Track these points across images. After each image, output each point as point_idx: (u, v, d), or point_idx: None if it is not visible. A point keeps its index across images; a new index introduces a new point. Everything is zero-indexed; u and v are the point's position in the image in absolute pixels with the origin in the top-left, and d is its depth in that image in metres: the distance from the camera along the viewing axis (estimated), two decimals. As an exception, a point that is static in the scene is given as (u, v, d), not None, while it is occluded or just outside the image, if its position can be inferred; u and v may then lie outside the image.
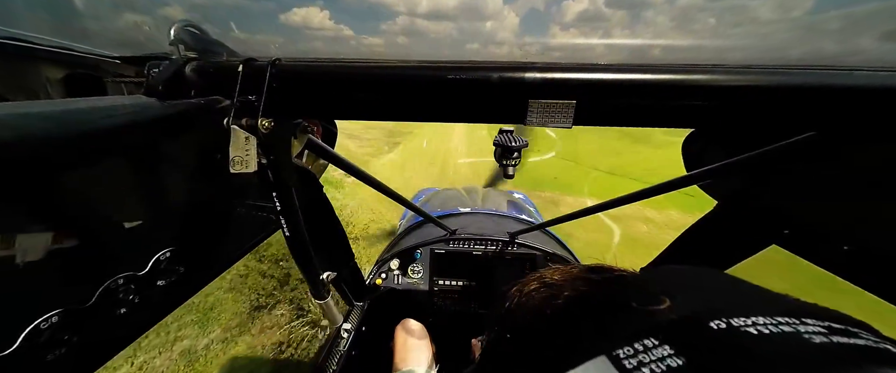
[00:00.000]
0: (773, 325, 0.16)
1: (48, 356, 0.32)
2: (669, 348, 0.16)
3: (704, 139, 0.67)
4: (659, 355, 0.16)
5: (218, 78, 0.45)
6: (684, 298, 0.20)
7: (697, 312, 0.18)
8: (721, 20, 22.00)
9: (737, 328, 0.16)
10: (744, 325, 0.16)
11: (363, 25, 26.61)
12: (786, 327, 0.16)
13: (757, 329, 0.16)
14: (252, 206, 0.58)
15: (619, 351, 0.17)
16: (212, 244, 0.52)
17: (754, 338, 0.16)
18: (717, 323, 0.17)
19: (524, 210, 2.12)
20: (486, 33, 37.77)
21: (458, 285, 1.35)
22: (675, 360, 0.15)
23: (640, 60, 0.38)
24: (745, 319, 0.17)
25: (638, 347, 0.17)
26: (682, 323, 0.18)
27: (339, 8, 18.41)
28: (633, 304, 0.20)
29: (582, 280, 0.26)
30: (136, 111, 0.39)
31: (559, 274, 0.29)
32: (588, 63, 0.36)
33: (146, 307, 0.41)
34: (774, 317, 0.17)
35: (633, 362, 0.16)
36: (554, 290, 0.26)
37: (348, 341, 0.93)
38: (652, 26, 25.63)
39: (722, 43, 0.83)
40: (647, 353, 0.16)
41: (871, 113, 0.35)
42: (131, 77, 0.56)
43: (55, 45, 0.54)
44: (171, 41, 0.45)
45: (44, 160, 0.31)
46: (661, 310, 0.19)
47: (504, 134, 0.49)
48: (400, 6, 14.77)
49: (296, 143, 0.58)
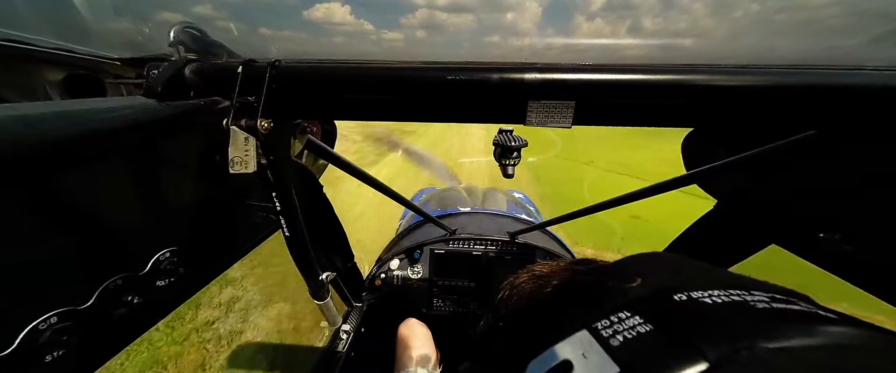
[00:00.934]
0: (726, 296, 0.19)
1: (47, 357, 0.32)
2: (639, 318, 0.19)
3: (704, 139, 0.67)
4: (630, 324, 0.18)
5: (217, 79, 0.45)
6: (654, 277, 0.23)
7: (663, 287, 0.21)
8: (764, 6, 21.74)
9: (696, 299, 0.19)
10: (701, 296, 0.19)
11: (383, 19, 26.62)
12: (736, 297, 0.19)
13: (711, 299, 0.19)
14: (252, 206, 0.58)
15: (598, 324, 0.19)
16: (211, 245, 0.52)
17: (709, 306, 0.19)
18: (679, 296, 0.20)
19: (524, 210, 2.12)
20: (507, 25, 37.76)
21: (458, 285, 1.35)
22: (644, 327, 0.18)
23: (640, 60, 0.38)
24: (703, 291, 0.20)
25: (613, 319, 0.19)
26: (650, 297, 0.21)
27: (359, 2, 18.40)
28: (609, 284, 0.23)
29: (568, 271, 0.29)
30: (135, 112, 0.39)
31: (548, 267, 0.31)
32: (587, 63, 0.36)
33: (146, 307, 0.41)
34: (727, 290, 0.20)
35: (609, 332, 0.18)
36: (542, 280, 0.29)
37: (348, 342, 0.93)
38: (686, 13, 25.24)
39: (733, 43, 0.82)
40: (621, 323, 0.19)
41: (870, 112, 0.35)
42: (131, 78, 0.56)
43: (55, 47, 0.54)
44: (171, 42, 0.45)
45: (44, 161, 0.31)
46: (633, 287, 0.22)
47: (503, 134, 0.49)
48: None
49: (295, 143, 0.58)
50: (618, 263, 0.27)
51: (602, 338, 0.18)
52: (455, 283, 1.35)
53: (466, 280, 1.35)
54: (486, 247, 1.33)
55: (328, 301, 0.64)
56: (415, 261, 1.35)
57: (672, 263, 0.27)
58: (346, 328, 0.96)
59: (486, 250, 1.33)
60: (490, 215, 1.74)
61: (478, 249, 1.34)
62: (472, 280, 1.35)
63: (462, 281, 1.35)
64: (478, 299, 1.35)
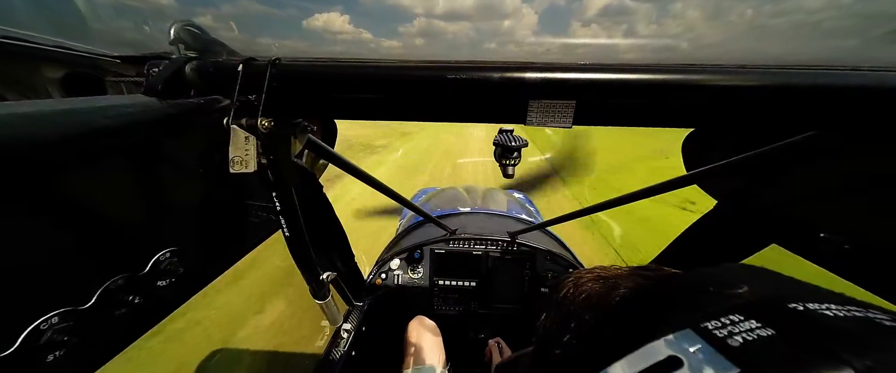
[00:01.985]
0: (846, 311, 0.18)
1: (48, 357, 0.32)
2: (756, 322, 0.17)
3: (704, 139, 0.67)
4: (747, 327, 0.17)
5: (218, 78, 0.45)
6: (757, 285, 0.21)
7: (774, 296, 0.20)
8: (759, 11, 21.92)
9: (813, 311, 0.18)
10: (819, 308, 0.18)
11: (382, 28, 26.01)
12: (857, 313, 0.18)
13: (833, 312, 0.18)
14: (252, 206, 0.58)
15: (707, 324, 0.18)
16: (212, 244, 0.52)
17: (832, 319, 0.17)
18: (795, 305, 0.18)
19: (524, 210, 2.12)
20: (504, 32, 36.42)
21: (459, 285, 1.35)
22: (765, 330, 0.17)
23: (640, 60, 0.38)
24: (819, 304, 0.18)
25: (725, 321, 0.18)
26: (764, 303, 0.19)
27: (358, 12, 18.28)
28: (711, 288, 0.22)
29: (638, 276, 0.28)
30: (135, 111, 0.39)
31: (611, 271, 0.30)
32: (588, 63, 0.36)
33: (146, 307, 0.41)
34: (844, 305, 0.18)
35: (723, 332, 0.17)
36: (611, 283, 0.28)
37: (348, 342, 0.93)
38: (680, 19, 25.60)
39: (729, 44, 0.83)
40: (735, 325, 0.17)
41: (871, 112, 0.35)
42: (131, 77, 0.56)
43: (55, 45, 0.54)
44: (171, 41, 0.45)
45: (43, 160, 0.31)
46: (741, 293, 0.20)
47: (504, 134, 0.49)
48: (417, 7, 15.09)
49: (296, 142, 0.58)
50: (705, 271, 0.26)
51: (715, 338, 0.17)
52: (456, 283, 1.35)
53: (467, 280, 1.35)
54: (487, 247, 1.34)
55: (329, 301, 0.64)
56: (415, 261, 1.35)
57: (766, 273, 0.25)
58: (347, 328, 0.96)
59: (486, 250, 1.33)
60: (490, 215, 1.74)
61: (478, 249, 1.34)
62: (472, 280, 1.35)
63: (463, 281, 1.35)
64: (478, 299, 1.36)
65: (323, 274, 0.61)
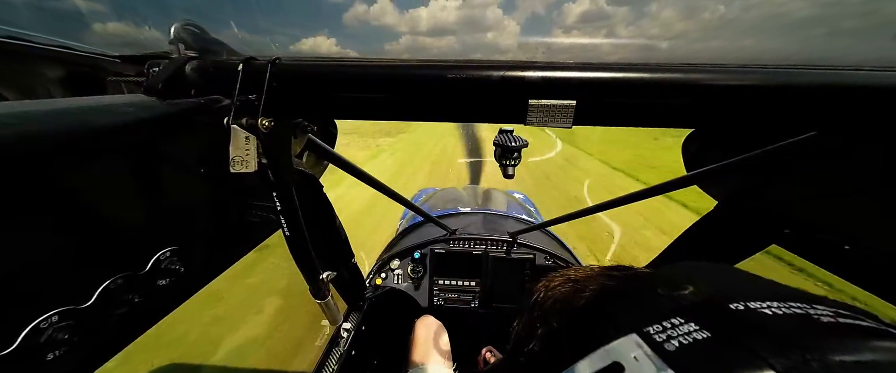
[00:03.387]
0: (787, 308, 0.18)
1: (48, 356, 0.32)
2: (694, 325, 0.18)
3: (704, 139, 0.67)
4: (685, 330, 0.18)
5: (218, 77, 0.45)
6: (704, 285, 0.22)
7: (717, 296, 0.20)
8: (730, 7, 21.84)
9: (754, 310, 0.18)
10: (760, 307, 0.19)
11: (368, 48, 25.41)
12: (798, 310, 0.18)
13: (771, 311, 0.18)
14: (252, 205, 0.58)
15: (649, 328, 0.19)
16: (212, 244, 0.52)
17: (769, 317, 0.18)
18: (736, 305, 0.19)
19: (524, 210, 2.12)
20: (488, 44, 34.55)
21: (459, 285, 1.35)
22: (701, 333, 0.17)
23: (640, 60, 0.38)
24: (761, 302, 0.19)
25: (666, 325, 0.19)
26: (705, 305, 0.20)
27: (344, 34, 17.89)
28: (658, 290, 0.23)
29: (605, 276, 0.28)
30: (135, 110, 0.39)
31: (582, 272, 0.31)
32: (588, 63, 0.36)
33: (146, 307, 0.41)
34: (787, 302, 0.19)
35: (662, 337, 0.18)
36: (579, 284, 0.28)
37: (348, 341, 0.93)
38: (657, 20, 25.57)
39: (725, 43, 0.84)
40: (675, 329, 0.18)
41: (872, 112, 0.35)
42: (131, 76, 0.56)
43: (55, 44, 0.54)
44: (171, 40, 0.45)
45: (43, 159, 0.31)
46: (685, 294, 0.21)
47: (504, 134, 0.49)
48: (402, 26, 15.01)
49: (296, 142, 0.58)
50: (660, 271, 0.27)
51: (654, 343, 0.18)
52: (455, 282, 1.35)
53: (467, 280, 1.35)
54: (487, 247, 1.34)
55: (329, 300, 0.64)
56: (415, 261, 1.35)
57: (720, 271, 0.26)
58: (347, 327, 0.96)
59: (486, 250, 1.33)
60: (490, 215, 1.74)
61: (478, 248, 1.34)
62: (472, 280, 1.35)
63: (462, 281, 1.35)
64: (478, 299, 1.36)
65: (323, 274, 0.61)
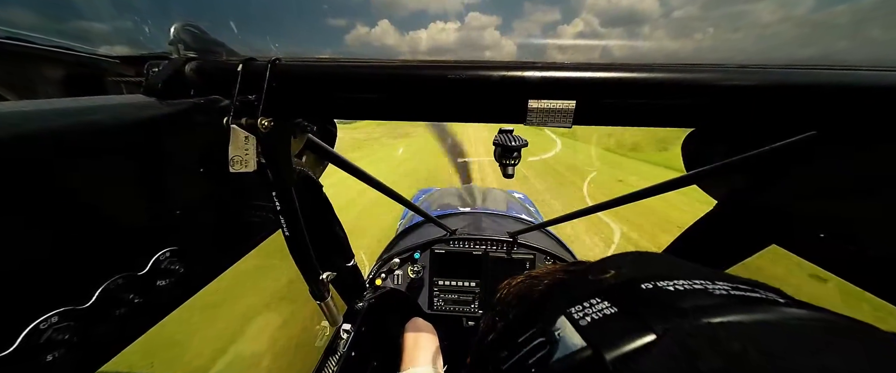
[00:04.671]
0: (689, 284, 0.22)
1: (48, 357, 0.32)
2: (607, 303, 0.21)
3: (704, 139, 0.67)
4: (599, 308, 0.21)
5: (217, 77, 0.45)
6: (628, 270, 0.26)
7: (633, 278, 0.24)
8: (719, 28, 22.33)
9: (661, 287, 0.22)
10: (666, 285, 0.22)
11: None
12: (697, 286, 0.21)
13: (675, 287, 0.21)
14: (252, 206, 0.58)
15: (571, 309, 0.22)
16: (212, 244, 0.52)
17: (670, 293, 0.21)
18: (646, 285, 0.22)
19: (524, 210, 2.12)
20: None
21: (459, 285, 1.35)
22: (610, 309, 0.21)
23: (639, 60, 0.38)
24: (669, 281, 0.22)
25: (585, 305, 0.22)
26: (620, 286, 0.23)
27: (347, 53, 18.05)
28: (589, 277, 0.26)
29: (561, 271, 0.31)
30: (135, 110, 0.39)
31: (544, 269, 0.33)
32: (587, 63, 0.36)
33: (146, 307, 0.41)
34: (693, 280, 0.22)
35: (580, 315, 0.21)
36: (536, 280, 0.31)
37: (348, 342, 0.92)
38: (650, 40, 25.49)
39: (722, 45, 0.84)
40: (592, 308, 0.21)
41: (872, 112, 0.35)
42: (131, 77, 0.56)
43: (54, 45, 0.54)
44: (171, 41, 0.45)
45: (43, 160, 0.30)
46: (606, 278, 0.25)
47: (504, 134, 0.49)
48: (403, 47, 15.25)
49: (295, 142, 0.58)
50: (601, 261, 0.30)
51: (574, 320, 0.21)
52: (455, 283, 1.35)
53: (467, 280, 1.35)
54: (487, 247, 1.34)
55: (328, 301, 0.64)
56: (415, 261, 1.35)
57: (650, 259, 0.29)
58: (347, 328, 0.96)
59: (486, 250, 1.33)
60: (490, 215, 1.74)
61: (478, 248, 1.34)
62: (472, 280, 1.35)
63: (462, 281, 1.35)
64: (478, 299, 1.36)
65: (323, 274, 0.61)
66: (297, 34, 0.55)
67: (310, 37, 0.72)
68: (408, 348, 0.86)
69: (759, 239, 0.61)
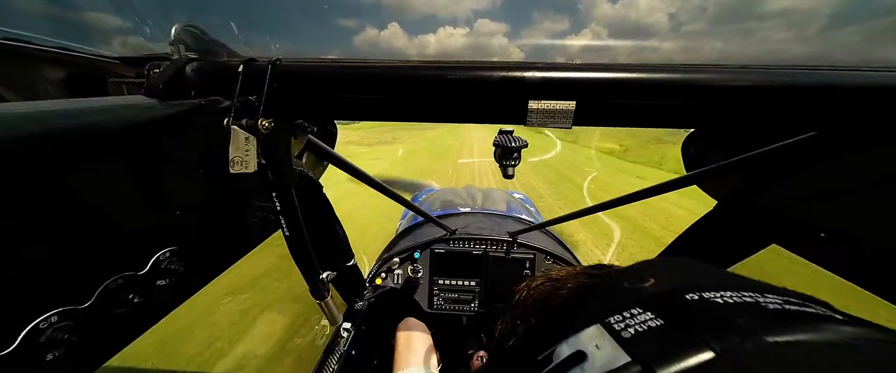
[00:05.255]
0: (738, 297, 0.20)
1: (47, 356, 0.32)
2: (651, 314, 0.19)
3: (704, 139, 0.67)
4: (642, 319, 0.19)
5: (218, 78, 0.45)
6: (667, 278, 0.24)
7: (676, 287, 0.22)
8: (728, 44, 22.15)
9: (707, 299, 0.20)
10: (713, 296, 0.20)
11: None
12: (748, 298, 0.20)
13: (723, 299, 0.20)
14: (252, 206, 0.58)
15: (610, 319, 0.20)
16: (212, 244, 0.52)
17: (720, 305, 0.19)
18: (691, 295, 0.20)
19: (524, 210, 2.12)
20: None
21: (459, 285, 1.35)
22: (656, 321, 0.19)
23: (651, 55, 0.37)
24: (715, 292, 0.20)
25: (625, 315, 0.20)
26: (662, 295, 0.22)
27: (354, 55, 17.59)
28: (625, 284, 0.24)
29: (584, 275, 0.29)
30: (136, 111, 0.39)
31: (564, 272, 0.32)
32: (588, 63, 0.36)
33: (146, 307, 0.41)
34: (740, 291, 0.20)
35: (621, 326, 0.19)
36: (558, 283, 0.29)
37: (348, 341, 0.93)
38: (657, 53, 26.16)
39: (722, 46, 0.85)
40: (633, 318, 0.20)
41: (872, 113, 0.35)
42: (131, 77, 0.56)
43: (55, 46, 0.54)
44: (172, 41, 0.45)
45: (43, 160, 0.31)
46: (646, 287, 0.23)
47: (504, 135, 0.49)
48: (411, 50, 14.86)
49: (296, 143, 0.58)
50: (632, 267, 0.28)
51: (614, 331, 0.19)
52: (455, 282, 1.35)
53: (467, 280, 1.35)
54: (487, 247, 1.34)
55: (328, 300, 0.64)
56: (415, 261, 1.35)
57: (687, 266, 0.27)
58: (347, 327, 0.96)
59: (486, 250, 1.33)
60: (490, 215, 1.74)
61: (478, 248, 1.34)
62: (472, 280, 1.35)
63: (462, 281, 1.35)
64: (478, 299, 1.36)
65: (322, 274, 0.61)
66: (306, 34, 0.56)
67: (319, 37, 0.72)
68: (400, 348, 0.86)
69: (759, 239, 0.61)
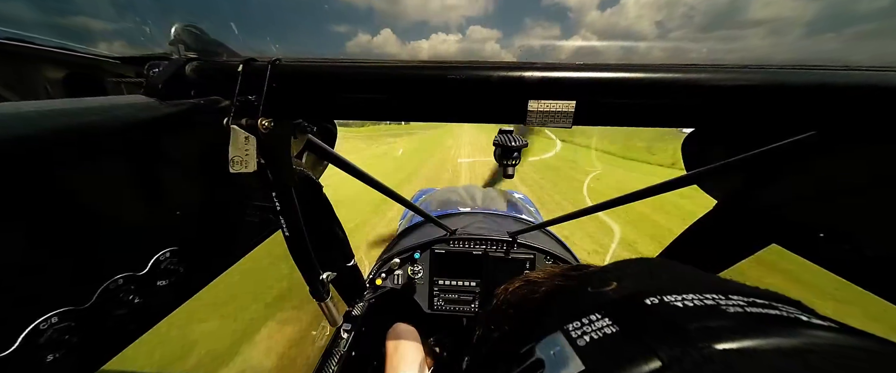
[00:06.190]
0: (700, 300, 0.19)
1: (48, 357, 0.32)
2: (608, 320, 0.19)
3: (704, 139, 0.67)
4: (599, 326, 0.19)
5: (218, 78, 0.45)
6: (632, 281, 0.23)
7: (637, 291, 0.22)
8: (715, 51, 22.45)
9: (667, 303, 0.20)
10: (674, 300, 0.20)
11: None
12: (709, 301, 0.19)
13: (683, 303, 0.19)
14: (252, 206, 0.58)
15: (569, 326, 0.20)
16: (212, 244, 0.52)
17: (679, 310, 0.19)
18: (651, 299, 0.20)
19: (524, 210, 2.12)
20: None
21: (459, 285, 1.35)
22: (611, 328, 0.19)
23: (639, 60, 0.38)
24: (677, 296, 0.20)
25: (584, 321, 0.20)
26: (622, 301, 0.21)
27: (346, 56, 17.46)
28: (588, 289, 0.24)
29: (560, 276, 0.29)
30: (135, 111, 0.39)
31: (542, 273, 0.31)
32: (588, 63, 0.36)
33: (146, 307, 0.41)
34: (704, 294, 0.20)
35: (578, 333, 0.19)
36: (534, 286, 0.29)
37: (348, 342, 0.93)
38: (647, 58, 25.83)
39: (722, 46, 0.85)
40: (591, 325, 0.20)
41: (872, 112, 0.35)
42: (131, 77, 0.56)
43: (55, 46, 0.54)
44: (171, 41, 0.45)
45: (43, 160, 0.31)
46: (607, 291, 0.23)
47: (504, 134, 0.49)
48: (403, 55, 15.34)
49: (295, 143, 0.58)
50: (602, 269, 0.28)
51: (571, 338, 0.19)
52: (455, 283, 1.35)
53: (467, 280, 1.35)
54: (487, 247, 1.33)
55: (328, 301, 0.64)
56: (415, 261, 1.35)
57: (656, 268, 0.27)
58: (347, 328, 0.96)
59: (486, 250, 1.33)
60: (490, 216, 1.74)
61: (478, 249, 1.34)
62: (472, 280, 1.35)
63: (462, 281, 1.35)
64: (478, 299, 1.36)
65: (323, 274, 0.61)
66: (299, 39, 0.56)
67: (311, 41, 0.72)
68: (389, 356, 0.86)
69: (759, 239, 0.61)
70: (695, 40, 16.78)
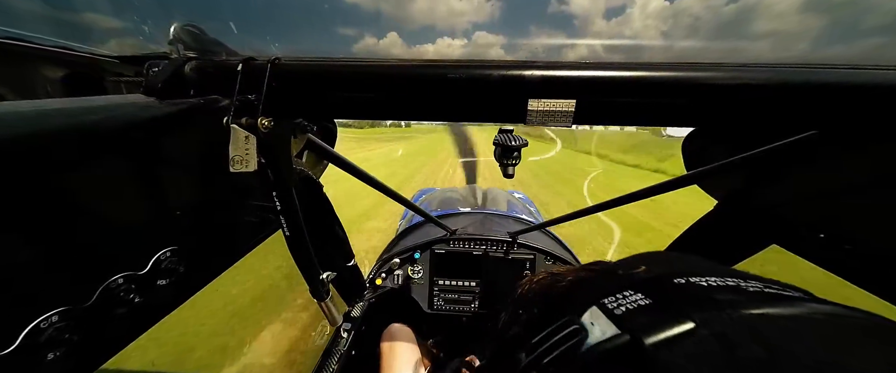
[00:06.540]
0: (722, 281, 0.22)
1: (48, 356, 0.32)
2: (641, 295, 0.22)
3: (705, 138, 0.67)
4: (633, 299, 0.22)
5: (217, 77, 0.45)
6: (658, 266, 0.26)
7: (666, 273, 0.24)
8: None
9: (693, 283, 0.22)
10: (699, 281, 0.22)
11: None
12: (730, 282, 0.22)
13: (707, 283, 0.22)
14: (252, 205, 0.58)
15: (605, 300, 0.22)
16: (212, 244, 0.52)
17: (704, 287, 0.22)
18: (678, 280, 0.23)
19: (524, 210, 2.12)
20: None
21: (459, 285, 1.35)
22: (645, 300, 0.21)
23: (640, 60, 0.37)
24: (701, 277, 0.23)
25: (618, 296, 0.22)
26: (653, 279, 0.24)
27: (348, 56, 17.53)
28: (619, 272, 0.27)
29: (583, 269, 0.31)
30: (135, 110, 0.39)
31: (564, 268, 0.33)
32: (588, 62, 0.36)
33: (146, 307, 0.41)
34: (725, 277, 0.22)
35: (614, 305, 0.22)
36: (558, 277, 0.31)
37: (348, 341, 0.93)
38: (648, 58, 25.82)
39: (723, 45, 0.85)
40: (625, 299, 0.22)
41: (872, 112, 0.35)
42: (130, 77, 0.56)
43: (54, 45, 0.54)
44: (170, 40, 0.45)
45: (43, 160, 0.30)
46: (638, 273, 0.26)
47: (504, 134, 0.48)
48: (405, 56, 15.32)
49: (295, 142, 0.58)
50: (626, 259, 0.30)
51: (608, 310, 0.21)
52: (456, 283, 1.35)
53: (467, 280, 1.35)
54: (487, 247, 1.34)
55: (329, 300, 0.64)
56: (415, 261, 1.35)
57: (678, 258, 0.29)
58: (347, 327, 0.96)
59: (486, 250, 1.33)
60: (490, 216, 1.74)
61: (478, 249, 1.34)
62: (472, 280, 1.35)
63: (463, 281, 1.35)
64: (478, 299, 1.36)
65: (323, 274, 0.61)
66: (306, 34, 0.56)
67: (315, 43, 0.72)
68: (384, 356, 0.86)
69: (759, 239, 0.61)
70: (701, 50, 16.81)
